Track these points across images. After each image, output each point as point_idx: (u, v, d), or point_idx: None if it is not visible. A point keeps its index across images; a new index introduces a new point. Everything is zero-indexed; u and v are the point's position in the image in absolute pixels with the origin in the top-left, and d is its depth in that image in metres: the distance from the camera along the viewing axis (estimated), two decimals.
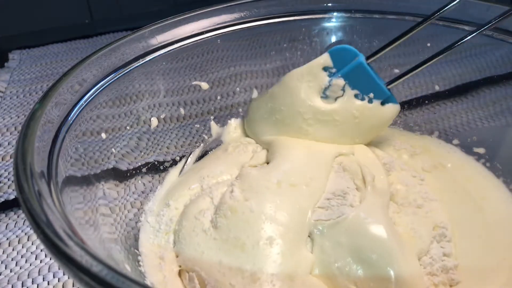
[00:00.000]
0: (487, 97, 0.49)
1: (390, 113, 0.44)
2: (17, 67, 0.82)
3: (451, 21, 0.47)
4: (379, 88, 0.43)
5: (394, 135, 0.52)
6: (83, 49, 0.88)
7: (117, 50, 0.43)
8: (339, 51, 0.43)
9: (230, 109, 0.54)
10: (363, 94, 0.43)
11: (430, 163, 0.47)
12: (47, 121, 0.33)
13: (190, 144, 0.52)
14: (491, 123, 0.49)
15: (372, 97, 0.43)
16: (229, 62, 0.54)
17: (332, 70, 0.44)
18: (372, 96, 0.43)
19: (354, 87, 0.43)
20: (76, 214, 0.31)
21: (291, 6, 0.52)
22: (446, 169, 0.47)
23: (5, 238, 0.48)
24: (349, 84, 0.43)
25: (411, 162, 0.47)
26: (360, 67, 0.43)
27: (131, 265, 0.37)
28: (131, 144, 0.46)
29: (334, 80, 0.43)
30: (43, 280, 0.43)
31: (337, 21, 0.53)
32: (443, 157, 0.48)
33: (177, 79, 0.51)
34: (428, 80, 0.53)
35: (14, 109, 0.70)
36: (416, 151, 0.49)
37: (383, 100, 0.44)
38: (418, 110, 0.53)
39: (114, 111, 0.44)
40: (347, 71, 0.43)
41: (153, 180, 0.47)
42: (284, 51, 0.54)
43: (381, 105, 0.44)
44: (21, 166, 0.28)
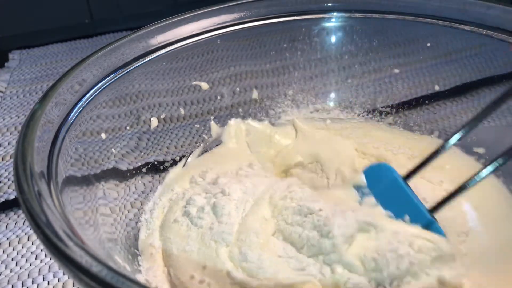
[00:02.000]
0: (487, 97, 0.49)
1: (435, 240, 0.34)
2: (17, 67, 0.82)
3: (451, 21, 0.47)
4: (417, 209, 0.36)
5: (393, 136, 0.51)
6: (83, 49, 0.88)
7: (117, 50, 0.43)
8: (374, 170, 0.39)
9: (230, 109, 0.54)
10: (397, 217, 0.36)
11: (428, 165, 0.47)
12: (47, 121, 0.33)
13: (190, 144, 0.52)
14: (491, 123, 0.49)
15: (407, 220, 0.36)
16: (229, 62, 0.54)
17: (365, 190, 0.39)
18: (408, 220, 0.36)
19: (387, 207, 0.37)
20: (76, 214, 0.31)
21: (291, 6, 0.52)
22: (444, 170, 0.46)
23: (5, 238, 0.48)
24: (381, 204, 0.37)
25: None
26: (394, 183, 0.38)
27: (131, 265, 0.37)
28: (131, 144, 0.46)
29: (364, 199, 0.38)
30: (43, 280, 0.43)
31: (337, 21, 0.53)
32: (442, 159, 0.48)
33: (177, 79, 0.51)
34: (428, 80, 0.53)
35: (14, 109, 0.70)
36: (414, 154, 0.48)
37: (423, 225, 0.35)
38: (418, 110, 0.53)
39: (114, 111, 0.44)
40: (380, 189, 0.38)
41: (153, 180, 0.47)
42: (284, 51, 0.54)
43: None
44: (21, 166, 0.28)
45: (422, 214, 0.36)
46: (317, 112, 0.56)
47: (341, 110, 0.55)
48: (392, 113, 0.54)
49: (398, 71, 0.54)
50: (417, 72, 0.54)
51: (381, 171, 0.39)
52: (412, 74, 0.54)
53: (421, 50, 0.51)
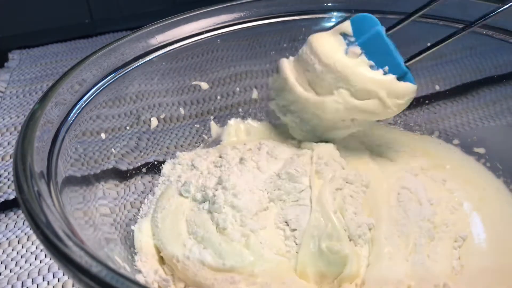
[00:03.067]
0: (487, 97, 0.49)
1: (405, 90, 0.41)
2: (17, 67, 0.82)
3: (451, 21, 0.47)
4: (396, 62, 0.40)
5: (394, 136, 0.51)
6: (83, 49, 0.88)
7: (117, 50, 0.43)
8: (360, 19, 0.42)
9: (230, 109, 0.54)
10: (378, 67, 0.41)
11: (429, 164, 0.47)
12: (46, 121, 0.33)
13: (190, 144, 0.52)
14: (491, 123, 0.49)
15: (387, 70, 0.41)
16: (229, 62, 0.54)
17: (351, 38, 0.42)
18: (387, 70, 0.41)
19: (371, 57, 0.41)
20: (75, 215, 0.31)
21: (291, 6, 0.52)
22: (445, 170, 0.46)
23: (5, 238, 0.48)
24: (365, 53, 0.41)
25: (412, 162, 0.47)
26: (377, 37, 0.41)
27: (131, 265, 0.37)
28: (131, 144, 0.46)
29: (350, 48, 0.42)
30: (43, 280, 0.43)
31: (337, 21, 0.53)
32: (443, 159, 0.48)
33: (177, 79, 0.51)
34: (428, 80, 0.53)
35: (14, 109, 0.70)
36: (416, 154, 0.48)
37: (399, 76, 0.41)
38: (418, 110, 0.53)
39: (114, 111, 0.44)
40: (365, 40, 0.41)
41: (153, 180, 0.47)
42: (284, 51, 0.54)
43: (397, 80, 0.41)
44: (20, 166, 0.28)
45: (399, 65, 0.40)
46: None
47: None
48: None
49: None
50: (417, 72, 0.53)
51: (367, 22, 0.42)
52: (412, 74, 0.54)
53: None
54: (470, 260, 0.38)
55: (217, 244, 0.37)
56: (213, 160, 0.45)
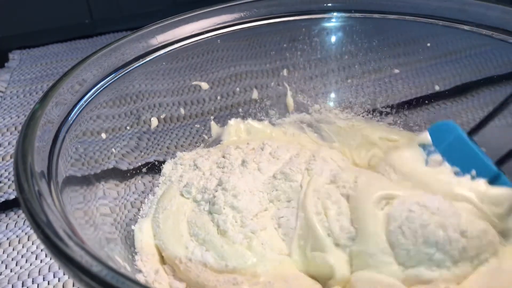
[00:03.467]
0: (487, 97, 0.49)
1: (501, 195, 0.34)
2: (17, 67, 0.82)
3: (451, 21, 0.47)
4: (484, 164, 0.36)
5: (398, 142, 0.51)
6: (83, 49, 0.88)
7: (117, 50, 0.43)
8: (439, 127, 0.40)
9: (230, 109, 0.54)
10: (464, 172, 0.36)
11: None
12: (47, 121, 0.33)
13: (190, 144, 0.52)
14: (491, 123, 0.49)
15: (474, 175, 0.36)
16: (229, 62, 0.54)
17: (431, 148, 0.39)
18: (475, 174, 0.36)
19: (454, 163, 0.37)
20: (76, 214, 0.31)
21: (291, 6, 0.52)
22: None
23: (5, 238, 0.48)
24: (447, 160, 0.38)
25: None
26: (459, 140, 0.38)
27: (131, 265, 0.37)
28: (131, 144, 0.46)
29: (431, 157, 0.38)
30: (43, 280, 0.43)
31: (337, 21, 0.53)
32: None
33: (177, 79, 0.51)
34: (428, 80, 0.53)
35: (14, 109, 0.70)
36: None
37: (490, 179, 0.35)
38: (418, 110, 0.53)
39: (114, 111, 0.44)
40: (446, 146, 0.38)
41: (153, 180, 0.47)
42: (284, 51, 0.54)
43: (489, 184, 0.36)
44: (21, 166, 0.28)
45: (487, 167, 0.36)
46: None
47: (341, 110, 0.55)
48: (392, 113, 0.54)
49: (398, 71, 0.54)
50: (417, 72, 0.54)
51: (446, 129, 0.39)
52: (412, 74, 0.54)
53: (421, 50, 0.51)
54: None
55: (219, 246, 0.37)
56: (216, 161, 0.45)
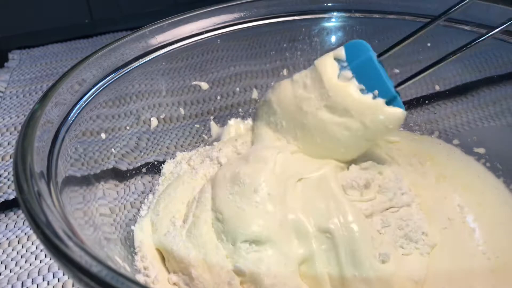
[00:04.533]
0: (487, 97, 0.49)
1: (393, 114, 0.40)
2: (17, 67, 0.82)
3: (451, 21, 0.47)
4: (385, 86, 0.41)
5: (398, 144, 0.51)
6: (83, 49, 0.88)
7: (117, 50, 0.43)
8: (354, 46, 0.42)
9: (230, 109, 0.54)
10: (368, 91, 0.41)
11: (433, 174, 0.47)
12: (46, 121, 0.33)
13: (190, 144, 0.52)
14: (491, 123, 0.49)
15: (376, 94, 0.41)
16: (229, 62, 0.54)
17: (344, 63, 0.42)
18: (377, 94, 0.41)
19: (361, 81, 0.41)
20: (75, 214, 0.31)
21: (291, 6, 0.52)
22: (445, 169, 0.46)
23: (5, 238, 0.48)
24: (356, 77, 0.42)
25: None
26: (368, 62, 0.41)
27: (131, 265, 0.37)
28: (131, 144, 0.46)
29: (342, 72, 0.42)
30: (43, 280, 0.43)
31: (337, 21, 0.53)
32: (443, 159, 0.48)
33: (177, 79, 0.51)
34: (428, 80, 0.53)
35: (14, 109, 0.70)
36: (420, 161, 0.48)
37: (388, 100, 0.41)
38: (418, 110, 0.53)
39: (114, 111, 0.44)
40: (356, 65, 0.42)
41: (153, 180, 0.47)
42: (284, 51, 0.54)
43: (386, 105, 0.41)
44: (20, 166, 0.28)
45: (388, 89, 0.41)
46: None
47: None
48: None
49: (398, 71, 0.54)
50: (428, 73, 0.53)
51: (360, 48, 0.42)
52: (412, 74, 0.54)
53: (421, 50, 0.51)
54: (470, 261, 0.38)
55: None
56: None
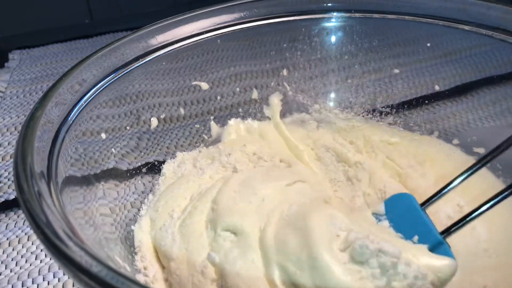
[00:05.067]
0: (487, 97, 0.49)
1: (443, 266, 0.32)
2: (17, 67, 0.82)
3: (451, 21, 0.47)
4: (427, 229, 0.35)
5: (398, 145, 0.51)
6: (83, 49, 0.88)
7: (117, 50, 0.43)
8: (395, 199, 0.39)
9: (230, 109, 0.54)
10: (406, 238, 0.35)
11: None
12: (47, 121, 0.33)
13: (190, 144, 0.52)
14: (491, 123, 0.49)
15: (416, 240, 0.35)
16: (229, 62, 0.54)
17: (382, 217, 0.39)
18: (417, 240, 0.35)
19: (399, 230, 0.36)
20: (76, 214, 0.31)
21: (291, 6, 0.52)
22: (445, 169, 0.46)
23: (5, 238, 0.48)
24: (394, 227, 0.37)
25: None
26: (410, 209, 0.37)
27: (131, 265, 0.37)
28: (131, 144, 0.46)
29: (379, 223, 0.38)
30: (43, 280, 0.43)
31: (337, 21, 0.53)
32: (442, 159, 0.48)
33: (177, 79, 0.51)
34: (428, 80, 0.53)
35: (14, 109, 0.70)
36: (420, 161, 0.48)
37: (431, 247, 0.34)
38: (418, 110, 0.53)
39: (114, 111, 0.44)
40: (395, 213, 0.38)
41: (153, 180, 0.47)
42: (284, 51, 0.54)
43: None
44: (21, 166, 0.28)
45: (432, 233, 0.35)
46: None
47: (341, 110, 0.55)
48: (392, 113, 0.54)
49: (398, 71, 0.54)
50: (417, 72, 0.54)
51: (401, 200, 0.39)
52: (412, 74, 0.54)
53: (421, 50, 0.51)
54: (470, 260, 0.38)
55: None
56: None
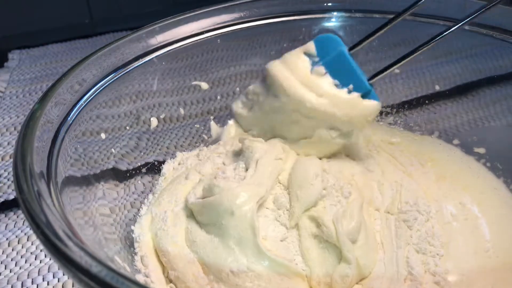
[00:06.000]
0: (487, 97, 0.49)
1: (369, 107, 0.41)
2: (16, 67, 0.82)
3: (451, 21, 0.47)
4: (359, 80, 0.41)
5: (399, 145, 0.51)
6: (83, 49, 0.88)
7: (117, 50, 0.43)
8: (324, 40, 0.42)
9: (230, 109, 0.54)
10: (342, 86, 0.41)
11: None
12: (46, 121, 0.33)
13: (190, 144, 0.52)
14: (491, 123, 0.49)
15: (351, 89, 0.41)
16: (229, 62, 0.54)
17: (315, 58, 0.42)
18: (352, 88, 0.41)
19: (335, 77, 0.41)
20: (75, 215, 0.31)
21: (291, 6, 0.52)
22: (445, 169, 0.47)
23: (5, 238, 0.48)
24: (329, 73, 0.41)
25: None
26: (341, 56, 0.41)
27: (131, 265, 0.37)
28: (131, 144, 0.46)
29: (315, 68, 0.42)
30: (43, 280, 0.43)
31: (337, 21, 0.53)
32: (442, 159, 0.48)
33: (177, 79, 0.51)
34: (428, 80, 0.53)
35: (14, 109, 0.70)
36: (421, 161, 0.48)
37: (363, 94, 0.41)
38: (418, 110, 0.53)
39: (114, 111, 0.44)
40: (329, 60, 0.41)
41: (153, 180, 0.47)
42: (284, 51, 0.54)
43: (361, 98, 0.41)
44: (20, 167, 0.28)
45: (363, 83, 0.41)
46: None
47: None
48: (392, 113, 0.54)
49: (398, 71, 0.54)
50: (417, 72, 0.54)
51: (330, 42, 0.42)
52: (412, 74, 0.54)
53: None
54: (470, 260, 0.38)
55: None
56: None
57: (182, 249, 0.37)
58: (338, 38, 0.42)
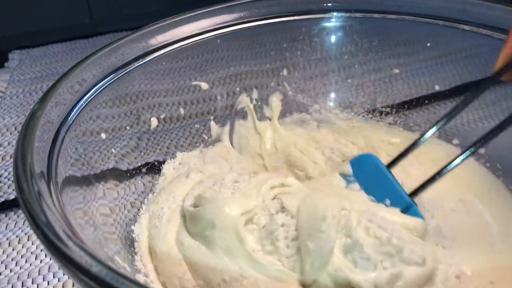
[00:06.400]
0: (487, 97, 0.49)
1: (412, 224, 0.35)
2: (17, 67, 0.82)
3: (451, 21, 0.47)
4: (397, 193, 0.37)
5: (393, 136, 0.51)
6: (83, 49, 0.88)
7: (117, 50, 0.43)
8: (360, 160, 0.41)
9: (230, 109, 0.54)
10: (378, 201, 0.38)
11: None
12: (47, 121, 0.33)
13: (190, 144, 0.52)
14: (491, 123, 0.48)
15: (388, 204, 0.37)
16: (229, 62, 0.54)
17: (350, 178, 0.41)
18: (389, 204, 0.37)
19: (370, 193, 0.39)
20: (76, 214, 0.31)
21: (291, 6, 0.52)
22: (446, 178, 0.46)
23: (5, 238, 0.48)
24: (364, 189, 0.39)
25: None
26: (377, 171, 0.39)
27: (131, 265, 0.37)
28: (131, 144, 0.46)
29: (349, 185, 0.40)
30: (43, 280, 0.43)
31: (337, 21, 0.53)
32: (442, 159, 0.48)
33: (177, 79, 0.51)
34: (428, 80, 0.53)
35: (14, 109, 0.70)
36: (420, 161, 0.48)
37: (403, 209, 0.37)
38: (418, 110, 0.53)
39: (114, 111, 0.44)
40: (364, 177, 0.40)
41: (153, 180, 0.47)
42: (284, 51, 0.54)
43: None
44: (20, 167, 0.28)
45: (401, 197, 0.37)
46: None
47: (341, 110, 0.55)
48: (392, 113, 0.54)
49: (398, 71, 0.54)
50: (417, 72, 0.54)
51: (366, 161, 0.41)
52: (412, 74, 0.54)
53: (421, 50, 0.51)
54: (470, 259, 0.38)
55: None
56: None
57: (171, 249, 0.37)
58: (375, 156, 0.41)
